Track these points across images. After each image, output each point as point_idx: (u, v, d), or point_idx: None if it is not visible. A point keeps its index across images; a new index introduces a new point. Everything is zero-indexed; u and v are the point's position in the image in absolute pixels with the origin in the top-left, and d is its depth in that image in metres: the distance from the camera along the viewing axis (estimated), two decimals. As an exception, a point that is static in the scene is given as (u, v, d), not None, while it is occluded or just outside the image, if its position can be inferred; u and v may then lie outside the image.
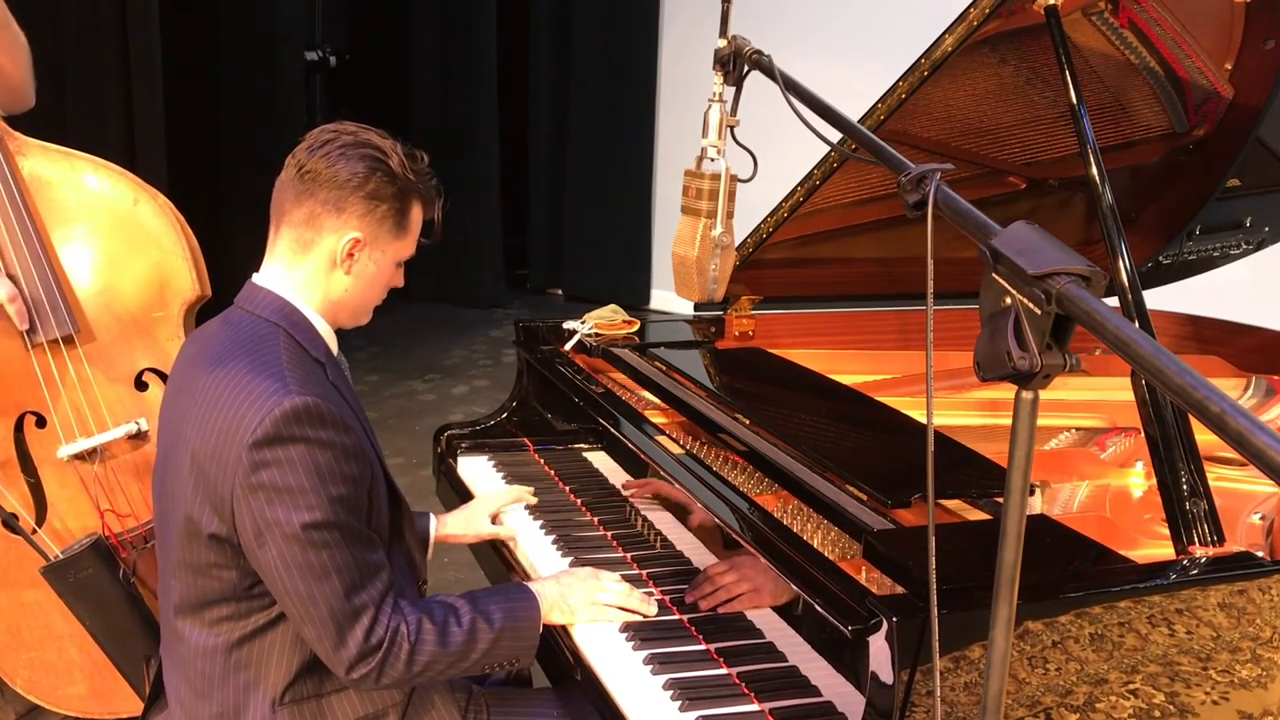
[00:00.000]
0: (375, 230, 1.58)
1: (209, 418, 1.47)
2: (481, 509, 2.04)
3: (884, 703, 1.32)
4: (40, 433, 2.18)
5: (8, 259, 2.09)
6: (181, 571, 1.53)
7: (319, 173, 1.55)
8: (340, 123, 1.62)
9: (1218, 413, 0.79)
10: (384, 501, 1.61)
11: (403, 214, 1.61)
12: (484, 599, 1.62)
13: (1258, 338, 2.68)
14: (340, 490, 1.46)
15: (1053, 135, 2.46)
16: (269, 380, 1.46)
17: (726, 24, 1.55)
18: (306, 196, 1.56)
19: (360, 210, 1.56)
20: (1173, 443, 1.65)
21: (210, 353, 1.56)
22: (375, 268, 1.62)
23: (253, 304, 1.59)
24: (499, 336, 6.27)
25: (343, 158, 1.56)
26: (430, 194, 1.65)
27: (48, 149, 2.17)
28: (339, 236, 1.57)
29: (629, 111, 6.62)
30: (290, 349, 1.54)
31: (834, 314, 2.74)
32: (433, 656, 1.52)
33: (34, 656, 2.27)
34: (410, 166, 1.60)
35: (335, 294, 1.61)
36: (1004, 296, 0.95)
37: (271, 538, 1.44)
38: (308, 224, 1.57)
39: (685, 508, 1.85)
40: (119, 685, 2.21)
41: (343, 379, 1.62)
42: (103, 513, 2.17)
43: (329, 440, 1.45)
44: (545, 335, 2.55)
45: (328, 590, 1.45)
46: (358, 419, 1.59)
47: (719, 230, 1.60)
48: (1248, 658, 1.51)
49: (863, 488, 1.67)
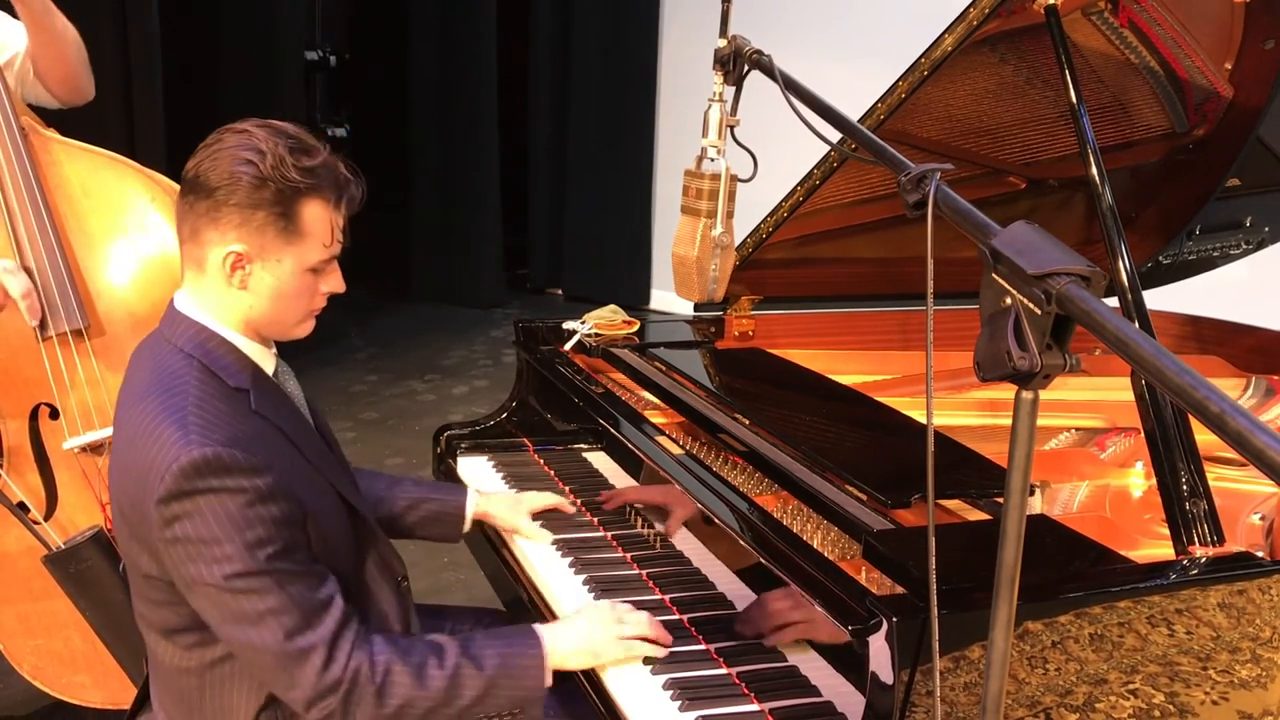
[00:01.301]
0: (258, 240, 1.43)
1: (128, 463, 1.43)
2: (528, 503, 1.99)
3: (884, 703, 1.32)
4: (54, 424, 2.22)
5: (24, 252, 2.12)
6: (142, 602, 1.52)
7: (195, 182, 1.43)
8: (242, 120, 1.47)
9: (1218, 413, 0.79)
10: (338, 527, 1.55)
11: (287, 218, 1.43)
12: (479, 641, 1.51)
13: (1258, 338, 2.68)
14: (259, 534, 1.38)
15: (1053, 135, 2.46)
16: (171, 428, 1.38)
17: (726, 24, 1.55)
18: (186, 209, 1.45)
19: (235, 220, 1.42)
20: (1173, 443, 1.65)
21: (131, 386, 1.51)
22: (274, 279, 1.46)
23: (171, 330, 1.50)
24: (499, 336, 6.27)
25: (214, 163, 1.42)
26: (330, 188, 1.47)
27: (70, 145, 2.21)
28: (220, 251, 1.44)
29: (629, 111, 6.62)
30: (202, 385, 1.44)
31: (834, 314, 2.74)
32: (407, 699, 1.43)
33: (41, 644, 2.30)
34: (292, 163, 1.42)
35: (243, 312, 1.48)
36: (1004, 296, 0.95)
37: (199, 590, 1.39)
38: (193, 239, 1.46)
39: (683, 509, 1.85)
40: (120, 676, 2.23)
41: (272, 401, 1.52)
42: (104, 506, 2.18)
43: (236, 487, 1.37)
44: (545, 335, 2.55)
45: (266, 635, 1.38)
46: (292, 444, 1.51)
47: (719, 230, 1.60)
48: (1247, 658, 1.51)
49: (863, 488, 1.67)
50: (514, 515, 1.99)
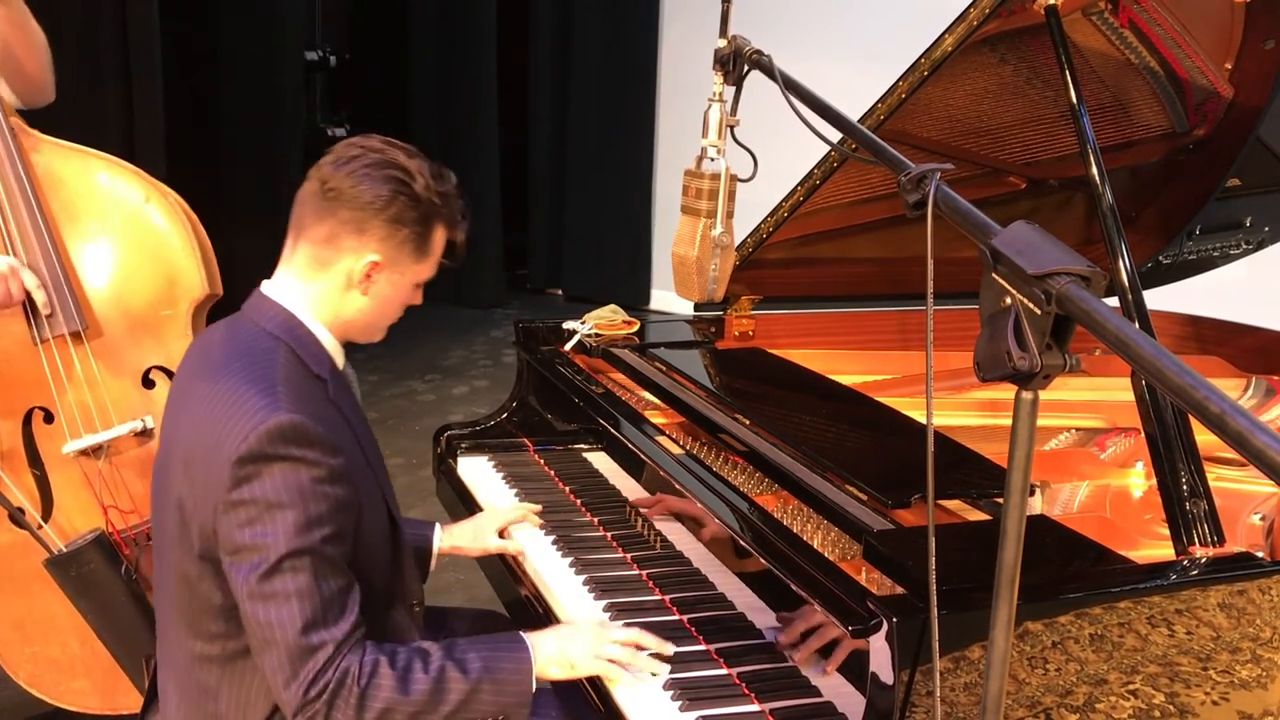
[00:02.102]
0: (395, 254, 1.55)
1: (201, 429, 1.45)
2: (490, 523, 1.99)
3: (884, 703, 1.32)
4: (48, 428, 2.19)
5: (19, 255, 2.10)
6: (176, 582, 1.52)
7: (342, 191, 1.52)
8: (366, 137, 1.58)
9: (1218, 413, 0.79)
10: (380, 534, 1.57)
11: (424, 238, 1.57)
12: (464, 646, 1.51)
13: (1258, 338, 2.68)
14: (320, 511, 1.41)
15: (1053, 135, 2.46)
16: (260, 395, 1.43)
17: (726, 24, 1.55)
18: (328, 214, 1.53)
19: (381, 233, 1.53)
20: (1173, 443, 1.65)
21: (209, 361, 1.54)
22: (392, 289, 1.59)
23: (259, 314, 1.56)
24: (499, 336, 6.27)
25: (367, 178, 1.52)
26: (455, 216, 1.61)
27: (61, 146, 2.19)
28: (358, 258, 1.54)
29: (629, 111, 6.62)
30: (289, 364, 1.50)
31: (834, 314, 2.74)
32: (389, 704, 1.42)
33: (37, 651, 2.28)
34: (435, 188, 1.56)
35: (348, 313, 1.58)
36: (1004, 296, 0.95)
37: (244, 556, 1.40)
38: (327, 242, 1.54)
39: (697, 520, 1.85)
40: (121, 681, 2.22)
41: (346, 395, 1.59)
42: (106, 509, 2.18)
43: (314, 460, 1.41)
44: (545, 335, 2.55)
45: (285, 619, 1.39)
46: (356, 440, 1.56)
47: (719, 230, 1.60)
48: (1248, 658, 1.51)
49: (863, 488, 1.67)
50: (480, 540, 1.97)
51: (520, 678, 1.51)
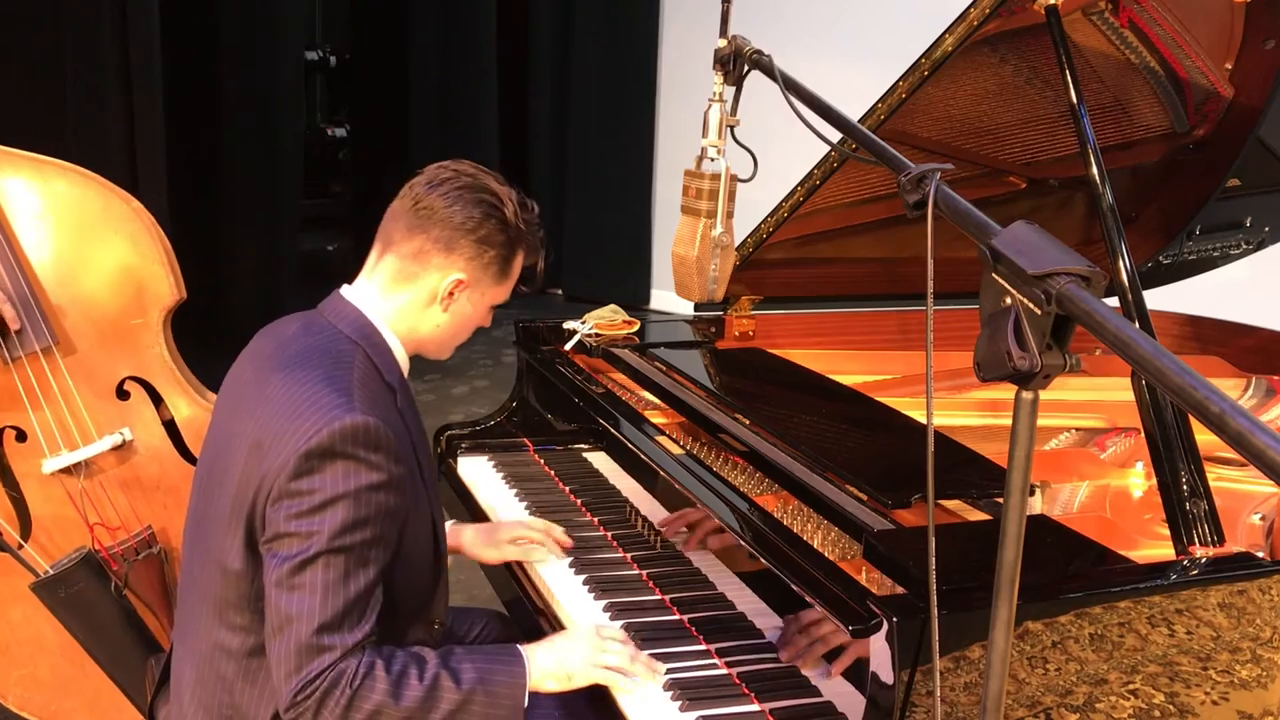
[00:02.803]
0: (479, 274, 1.61)
1: (273, 418, 1.47)
2: (508, 533, 1.96)
3: (884, 703, 1.32)
4: (20, 446, 2.14)
5: None
6: (212, 568, 1.52)
7: (435, 210, 1.58)
8: (459, 161, 1.64)
9: (1218, 413, 0.79)
10: (423, 541, 1.60)
11: (508, 261, 1.63)
12: (459, 655, 1.51)
13: (1258, 338, 2.68)
14: (368, 514, 1.43)
15: (1053, 135, 2.46)
16: (336, 394, 1.46)
17: (726, 24, 1.55)
18: (418, 231, 1.58)
19: (469, 253, 1.59)
20: (1173, 443, 1.65)
21: (286, 353, 1.56)
22: (471, 309, 1.64)
23: (337, 315, 1.60)
24: (499, 336, 6.26)
25: (460, 199, 1.58)
26: (537, 244, 1.67)
27: (12, 155, 2.12)
28: (444, 275, 1.59)
29: (629, 112, 6.62)
30: (365, 369, 1.54)
31: (834, 314, 2.74)
32: (378, 707, 1.41)
33: (26, 673, 2.23)
34: (522, 216, 1.62)
35: (425, 328, 1.63)
36: (1004, 296, 0.95)
37: (283, 542, 1.42)
38: (415, 258, 1.59)
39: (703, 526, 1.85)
40: (114, 697, 2.17)
41: (411, 408, 1.62)
42: (92, 526, 2.13)
43: (376, 464, 1.44)
44: (545, 335, 2.55)
45: (305, 610, 1.40)
46: (415, 453, 1.59)
47: (719, 230, 1.60)
48: (1248, 658, 1.51)
49: (863, 488, 1.66)
50: (493, 549, 1.95)
51: (513, 691, 1.50)
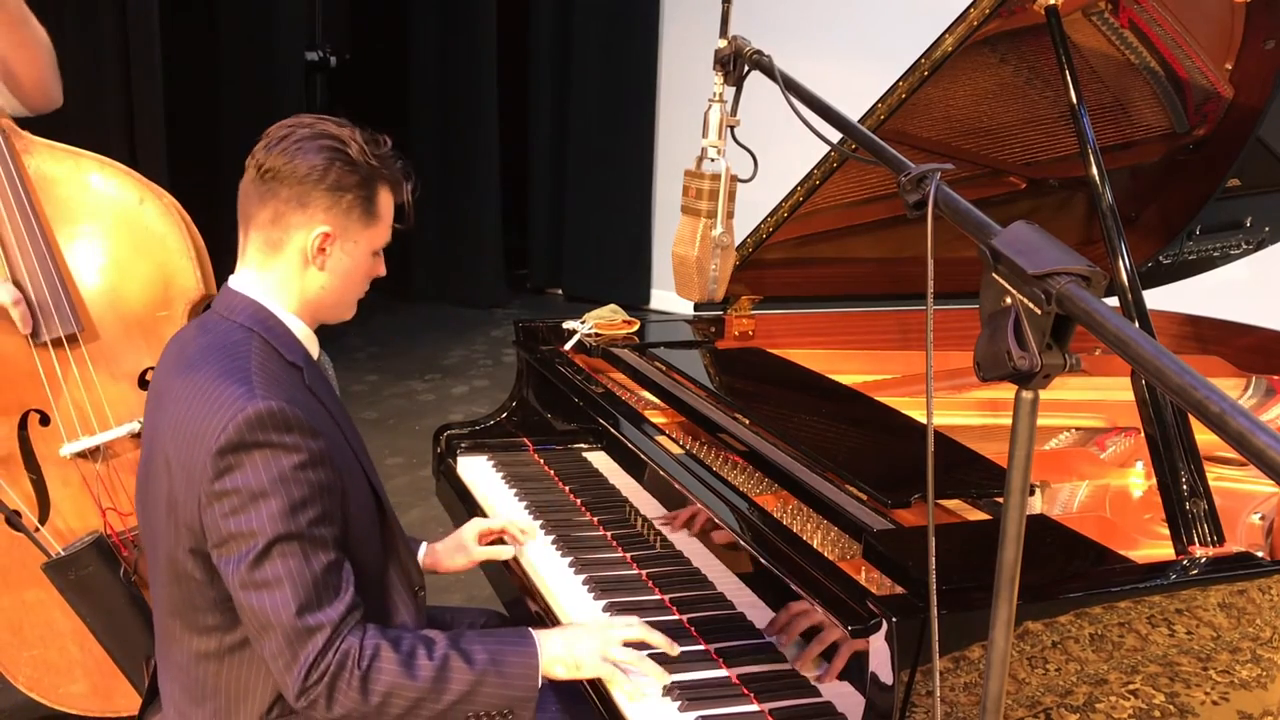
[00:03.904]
0: (343, 221, 1.54)
1: (181, 424, 1.45)
2: (470, 534, 1.93)
3: (884, 703, 1.32)
4: (44, 430, 2.19)
5: (13, 258, 2.09)
6: (167, 578, 1.52)
7: (278, 170, 1.52)
8: (297, 116, 1.57)
9: (1218, 413, 0.79)
10: (367, 519, 1.57)
11: (369, 201, 1.56)
12: (470, 637, 1.51)
13: (1258, 338, 2.68)
14: (304, 494, 1.41)
15: (1053, 135, 2.46)
16: (235, 385, 1.43)
17: (726, 24, 1.55)
18: (269, 196, 1.53)
19: (325, 203, 1.52)
20: (1173, 443, 1.65)
21: (184, 357, 1.54)
22: (350, 260, 1.58)
23: (228, 309, 1.56)
24: (499, 336, 6.27)
25: (300, 151, 1.52)
26: (396, 176, 1.60)
27: (54, 148, 2.18)
28: (307, 233, 1.53)
29: (629, 111, 6.62)
30: (262, 353, 1.50)
31: (834, 314, 2.74)
32: (392, 686, 1.42)
33: (36, 654, 2.27)
34: (371, 152, 1.55)
35: (311, 292, 1.57)
36: (1004, 296, 0.95)
37: (232, 545, 1.41)
38: (274, 224, 1.54)
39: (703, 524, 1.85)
40: (120, 683, 2.21)
41: (322, 382, 1.59)
42: (104, 511, 2.17)
43: (293, 444, 1.41)
44: (545, 335, 2.55)
45: (279, 604, 1.39)
46: (336, 424, 1.56)
47: (719, 230, 1.60)
48: (1248, 658, 1.51)
49: (863, 488, 1.66)
50: (463, 555, 1.92)
51: (526, 672, 1.50)
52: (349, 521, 1.52)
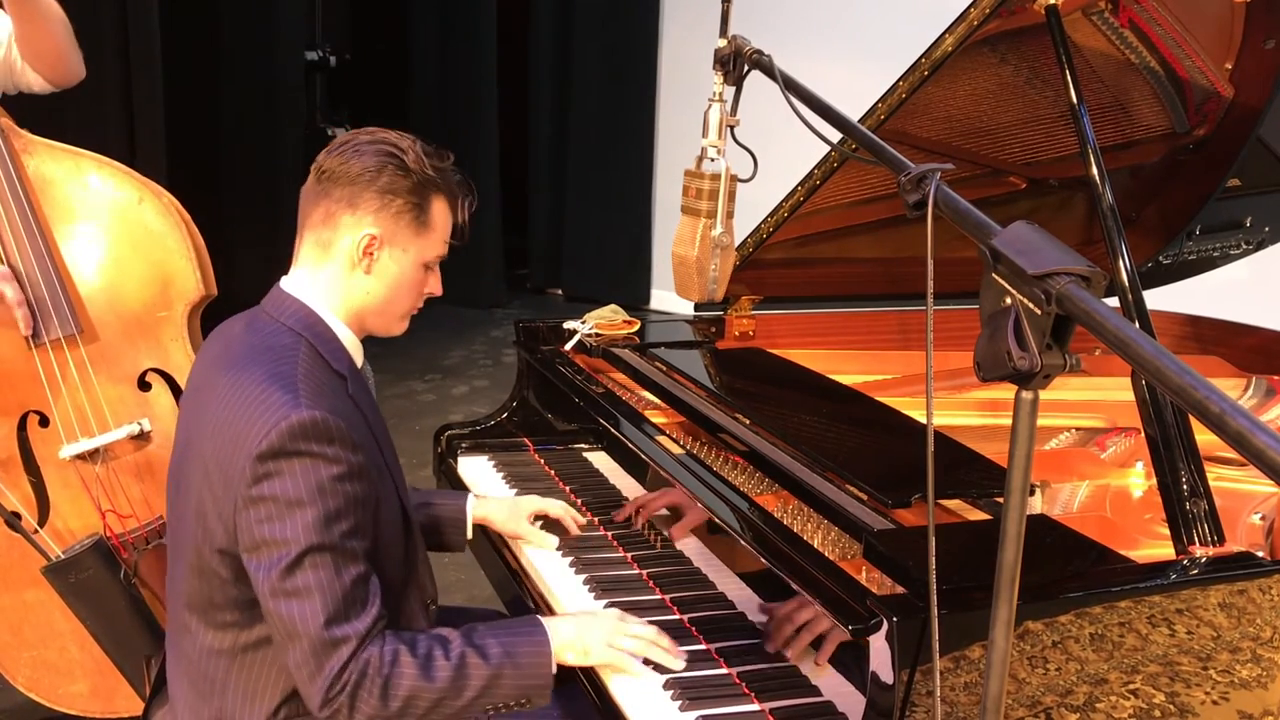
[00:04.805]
0: (392, 226, 1.55)
1: (222, 423, 1.46)
2: (528, 507, 1.98)
3: (884, 703, 1.32)
4: (43, 432, 2.18)
5: (12, 258, 2.09)
6: (190, 573, 1.52)
7: (333, 170, 1.54)
8: (365, 128, 1.60)
9: (1218, 413, 0.79)
10: (394, 532, 1.58)
11: (421, 209, 1.56)
12: (482, 631, 1.52)
13: (1258, 338, 2.68)
14: (339, 506, 1.42)
15: (1053, 135, 2.46)
16: (281, 391, 1.43)
17: (726, 24, 1.55)
18: (323, 196, 1.55)
19: (375, 204, 1.53)
20: (1173, 443, 1.65)
21: (230, 355, 1.54)
22: (397, 268, 1.58)
23: (278, 310, 1.57)
24: (499, 336, 6.27)
25: (357, 154, 1.54)
26: (454, 190, 1.61)
27: (53, 147, 2.17)
28: (355, 234, 1.54)
29: (629, 111, 6.62)
30: (309, 360, 1.51)
31: (834, 314, 2.74)
32: (413, 691, 1.43)
33: (36, 655, 2.27)
34: (429, 162, 1.56)
35: (358, 298, 1.58)
36: (1004, 296, 0.95)
37: (264, 552, 1.41)
38: (325, 223, 1.55)
39: (695, 517, 1.85)
40: (120, 684, 2.21)
41: (364, 393, 1.59)
42: (104, 513, 2.16)
43: (334, 456, 1.42)
44: (545, 335, 2.55)
45: (308, 614, 1.39)
46: (374, 437, 1.57)
47: (719, 230, 1.60)
48: (1248, 658, 1.51)
49: (863, 488, 1.66)
50: (514, 522, 1.97)
51: (540, 660, 1.52)
52: (378, 534, 1.53)
